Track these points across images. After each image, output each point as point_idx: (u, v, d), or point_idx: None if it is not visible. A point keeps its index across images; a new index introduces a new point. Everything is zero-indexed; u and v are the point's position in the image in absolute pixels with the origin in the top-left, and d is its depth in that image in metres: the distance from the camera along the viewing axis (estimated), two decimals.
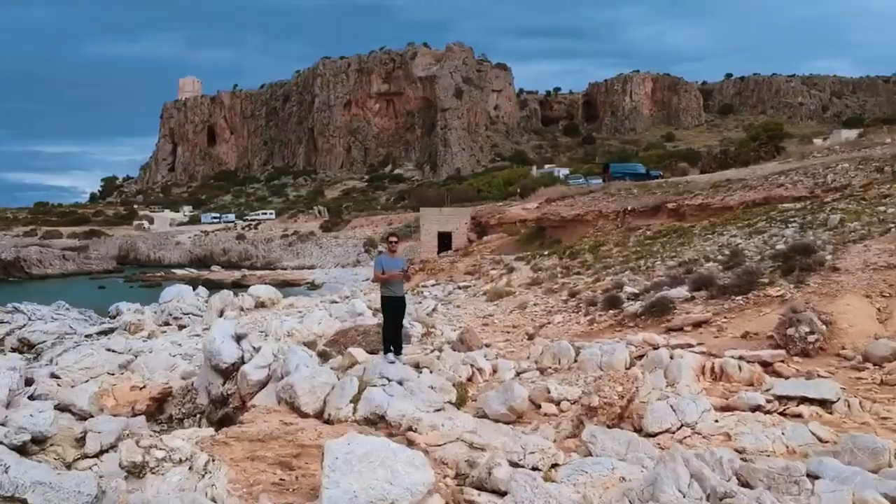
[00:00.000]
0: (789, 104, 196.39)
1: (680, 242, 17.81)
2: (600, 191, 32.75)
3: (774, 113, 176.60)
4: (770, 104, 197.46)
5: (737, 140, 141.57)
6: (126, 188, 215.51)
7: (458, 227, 42.19)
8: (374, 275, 10.62)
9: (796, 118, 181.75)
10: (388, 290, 10.30)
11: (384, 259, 10.52)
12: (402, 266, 10.52)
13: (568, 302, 14.91)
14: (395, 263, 10.38)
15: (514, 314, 15.20)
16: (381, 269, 10.31)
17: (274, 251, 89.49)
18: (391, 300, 10.31)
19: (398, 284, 10.36)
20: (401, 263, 10.57)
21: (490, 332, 13.44)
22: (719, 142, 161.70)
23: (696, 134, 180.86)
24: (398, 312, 10.41)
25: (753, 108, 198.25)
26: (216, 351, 9.97)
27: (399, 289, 10.46)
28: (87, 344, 19.74)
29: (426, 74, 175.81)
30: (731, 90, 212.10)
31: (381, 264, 10.37)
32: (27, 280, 74.45)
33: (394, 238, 10.95)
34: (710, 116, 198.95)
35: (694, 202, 23.02)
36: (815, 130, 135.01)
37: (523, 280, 20.43)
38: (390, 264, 10.34)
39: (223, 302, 22.64)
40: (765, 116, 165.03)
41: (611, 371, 9.10)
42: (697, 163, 59.16)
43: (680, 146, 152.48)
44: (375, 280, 10.99)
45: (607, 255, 19.17)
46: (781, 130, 60.88)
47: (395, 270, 10.22)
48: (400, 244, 11.10)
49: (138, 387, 11.60)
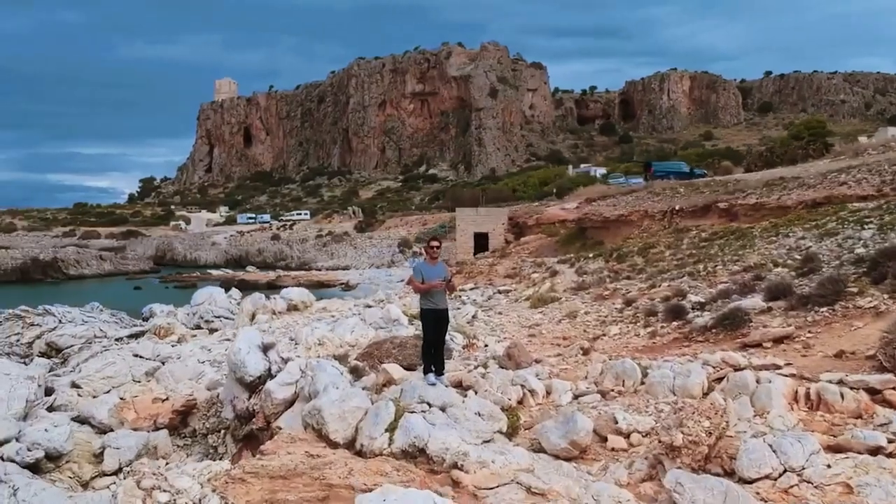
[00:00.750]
0: (831, 102, 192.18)
1: (741, 245, 16.45)
2: (643, 190, 31.40)
3: (815, 111, 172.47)
4: (811, 102, 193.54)
5: (777, 139, 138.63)
6: (164, 189, 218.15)
7: (495, 228, 41.07)
8: (413, 284, 9.38)
9: (838, 116, 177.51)
10: (429, 301, 9.12)
11: (424, 266, 9.31)
12: (445, 275, 9.22)
13: (623, 311, 13.47)
14: (436, 271, 9.16)
15: (563, 324, 13.81)
16: (420, 277, 9.10)
17: (308, 252, 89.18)
18: (432, 313, 9.13)
19: (440, 295, 9.18)
20: (443, 272, 9.26)
21: (538, 345, 12.11)
22: (759, 140, 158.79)
23: (735, 132, 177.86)
24: (440, 327, 9.23)
25: (794, 106, 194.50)
26: (241, 363, 9.03)
27: (441, 300, 9.25)
28: (116, 349, 19.05)
29: (460, 74, 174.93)
30: (770, 88, 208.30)
31: (421, 272, 9.15)
32: (64, 280, 74.93)
33: (435, 242, 9.51)
34: (748, 115, 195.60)
35: (747, 202, 21.59)
36: (858, 128, 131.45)
37: (568, 284, 19.15)
38: (431, 272, 9.12)
39: (255, 305, 21.86)
40: (805, 114, 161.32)
41: (686, 397, 7.89)
42: (741, 161, 57.27)
43: (718, 145, 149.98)
44: (415, 291, 9.75)
45: (659, 258, 17.76)
46: (824, 128, 58.81)
47: (436, 280, 9.01)
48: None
49: (160, 399, 10.75)
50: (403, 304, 19.83)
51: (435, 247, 9.39)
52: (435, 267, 9.25)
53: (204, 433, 9.80)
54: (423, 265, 9.34)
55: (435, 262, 9.34)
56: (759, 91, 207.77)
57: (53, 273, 77.20)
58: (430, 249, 9.40)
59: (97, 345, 20.24)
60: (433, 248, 9.40)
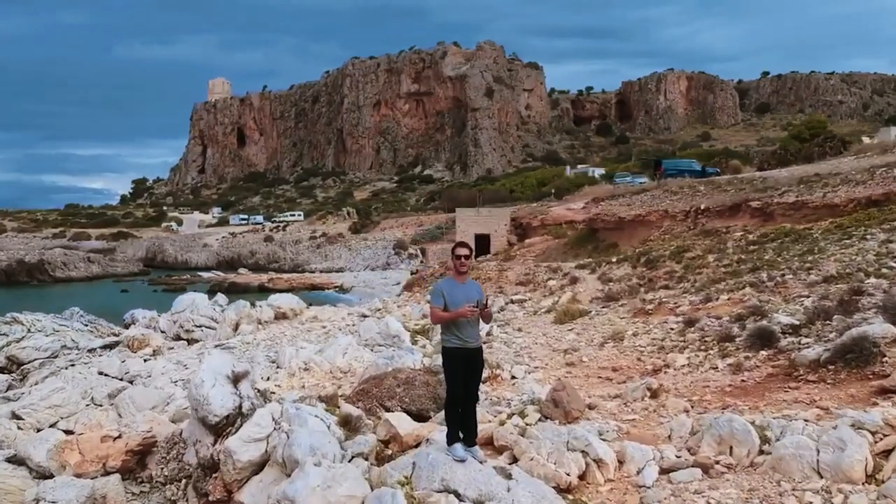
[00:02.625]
0: (829, 102, 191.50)
1: (806, 250, 14.16)
2: (658, 189, 29.59)
3: (813, 111, 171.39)
4: (808, 102, 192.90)
5: (776, 139, 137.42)
6: (156, 190, 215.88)
7: (497, 229, 39.25)
8: (432, 313, 6.54)
9: (836, 116, 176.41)
10: (455, 336, 6.36)
11: (448, 285, 6.51)
12: (480, 298, 6.44)
13: (685, 333, 10.69)
14: (465, 292, 6.40)
15: (608, 348, 11.02)
16: (441, 302, 6.34)
17: (302, 253, 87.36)
18: (460, 354, 6.35)
19: (471, 328, 6.40)
20: (475, 293, 6.50)
21: (581, 378, 9.51)
22: (756, 141, 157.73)
23: (733, 133, 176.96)
24: (471, 372, 6.44)
25: (791, 107, 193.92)
26: (203, 399, 7.15)
27: (473, 335, 6.41)
28: (81, 365, 17.20)
29: (456, 74, 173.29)
30: (767, 88, 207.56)
31: (443, 294, 6.38)
32: (51, 283, 72.92)
33: (463, 251, 6.61)
34: (746, 115, 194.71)
35: (785, 200, 19.68)
36: (856, 129, 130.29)
37: (592, 293, 16.96)
38: (458, 294, 6.37)
39: (239, 314, 20.04)
40: (803, 115, 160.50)
41: (843, 481, 5.70)
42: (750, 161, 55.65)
43: (716, 145, 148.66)
44: (433, 321, 6.85)
45: (702, 264, 15.64)
46: (825, 128, 57.31)
47: (465, 305, 6.23)
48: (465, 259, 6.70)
49: (111, 437, 8.89)
50: (403, 315, 17.90)
51: (463, 257, 6.53)
52: (463, 286, 6.48)
53: (162, 482, 7.95)
54: (447, 284, 6.52)
55: (464, 278, 6.56)
56: (756, 91, 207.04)
57: (39, 275, 75.15)
58: (457, 261, 6.54)
59: (63, 358, 18.39)
60: (461, 258, 6.52)
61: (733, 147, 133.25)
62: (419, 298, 23.29)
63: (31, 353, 18.42)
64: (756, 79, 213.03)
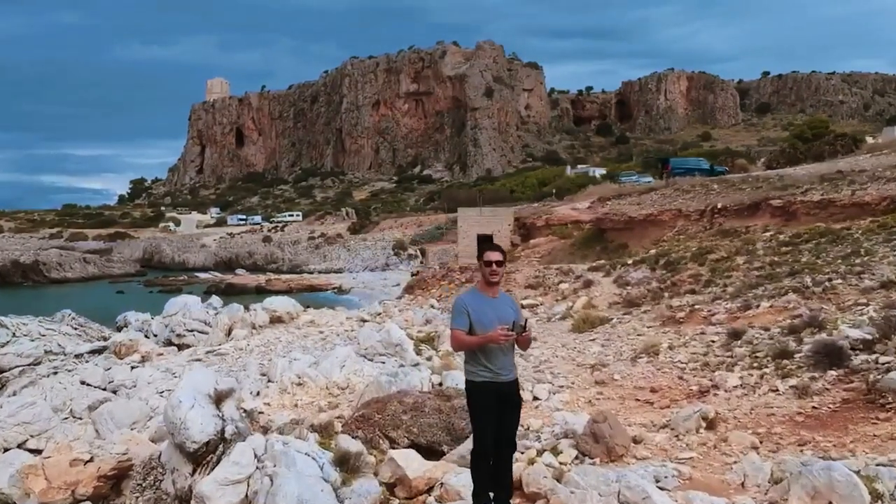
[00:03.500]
0: (829, 102, 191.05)
1: (850, 252, 13.03)
2: (668, 188, 28.63)
3: (814, 111, 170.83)
4: (809, 102, 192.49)
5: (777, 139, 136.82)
6: (154, 190, 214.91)
7: (500, 230, 38.25)
8: (454, 337, 5.06)
9: (837, 116, 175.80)
10: (483, 366, 4.98)
11: (474, 300, 5.12)
12: (516, 317, 5.11)
13: (731, 346, 9.27)
14: (497, 309, 5.06)
15: (641, 364, 9.61)
16: (465, 322, 4.98)
17: (300, 254, 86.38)
18: (490, 389, 4.98)
19: (504, 357, 5.02)
20: (510, 309, 5.17)
21: (616, 401, 8.22)
22: (757, 141, 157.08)
23: (733, 133, 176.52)
24: (506, 416, 5.05)
25: (792, 107, 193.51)
26: (181, 422, 6.23)
27: (507, 364, 5.01)
28: (64, 373, 16.27)
29: (456, 73, 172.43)
30: (768, 88, 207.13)
31: (467, 311, 5.01)
32: (46, 284, 71.94)
33: (495, 255, 5.16)
34: (746, 115, 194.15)
35: (809, 198, 18.70)
36: (857, 129, 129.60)
37: (609, 298, 15.84)
38: (486, 311, 5.01)
39: (232, 318, 19.09)
40: (804, 115, 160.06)
41: None
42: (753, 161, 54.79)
43: (717, 146, 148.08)
44: (455, 347, 5.33)
45: (731, 267, 14.65)
46: (827, 128, 56.49)
47: (497, 325, 4.87)
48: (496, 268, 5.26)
49: (82, 460, 7.97)
50: (405, 320, 16.92)
51: (495, 263, 5.08)
52: (494, 301, 5.08)
53: None
54: (473, 299, 5.10)
55: (494, 291, 5.14)
56: (756, 92, 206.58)
57: (34, 276, 74.15)
58: (486, 268, 5.09)
59: (46, 365, 17.44)
60: (492, 265, 5.07)
61: (734, 147, 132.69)
62: (421, 302, 22.33)
63: (12, 359, 17.47)
64: (756, 79, 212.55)
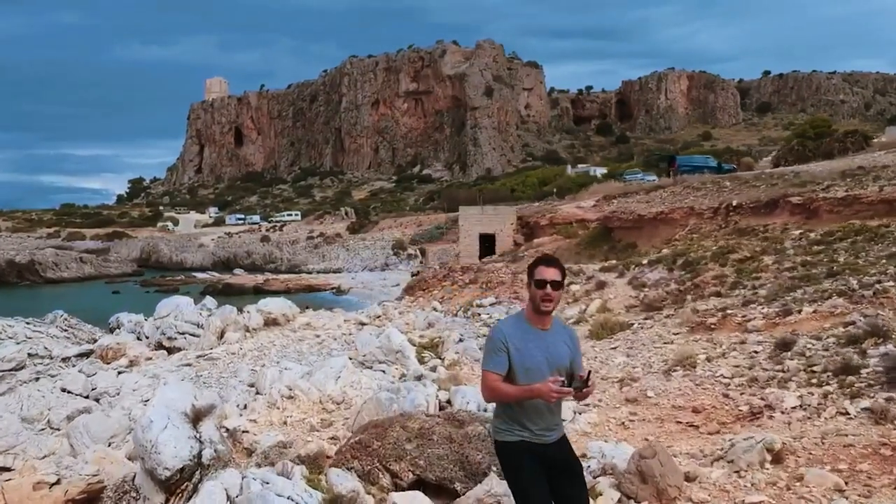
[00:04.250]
0: (830, 102, 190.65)
1: (892, 253, 11.96)
2: (678, 185, 27.80)
3: (815, 111, 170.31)
4: (810, 102, 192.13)
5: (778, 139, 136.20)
6: (153, 190, 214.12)
7: (503, 229, 37.43)
8: (486, 381, 3.76)
9: (837, 116, 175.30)
10: (519, 423, 3.81)
11: (517, 332, 3.82)
12: (575, 357, 3.94)
13: (781, 359, 8.17)
14: (548, 347, 3.81)
15: (677, 378, 8.49)
16: (504, 362, 3.73)
17: (299, 254, 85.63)
18: (531, 452, 3.80)
19: (550, 413, 3.87)
20: (565, 349, 3.87)
21: (653, 424, 7.23)
22: (758, 141, 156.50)
23: (734, 133, 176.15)
24: (561, 484, 3.81)
25: (792, 107, 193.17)
26: (151, 445, 5.41)
27: (551, 423, 3.87)
28: (46, 378, 15.44)
29: (455, 73, 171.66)
30: (769, 88, 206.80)
31: (507, 345, 3.74)
32: (41, 284, 71.25)
33: (552, 272, 3.80)
34: (747, 115, 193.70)
35: (833, 195, 17.85)
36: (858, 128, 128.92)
37: (625, 301, 14.81)
38: (534, 350, 3.77)
39: (224, 321, 18.23)
40: (805, 115, 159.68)
41: None
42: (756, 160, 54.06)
43: (717, 145, 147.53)
44: (487, 397, 3.89)
45: (759, 267, 13.61)
46: (829, 127, 55.84)
47: (546, 371, 3.71)
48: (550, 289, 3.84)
49: (47, 483, 7.16)
50: (406, 324, 16.06)
51: (551, 284, 3.76)
52: (544, 335, 3.81)
53: None
54: (516, 329, 3.81)
55: (546, 321, 3.82)
56: (757, 91, 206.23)
57: (30, 276, 73.47)
58: (539, 290, 3.77)
59: (29, 370, 16.60)
60: (546, 285, 3.75)
61: (734, 147, 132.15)
62: (423, 304, 21.48)
63: None
64: (757, 78, 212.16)
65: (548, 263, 3.84)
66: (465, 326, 15.68)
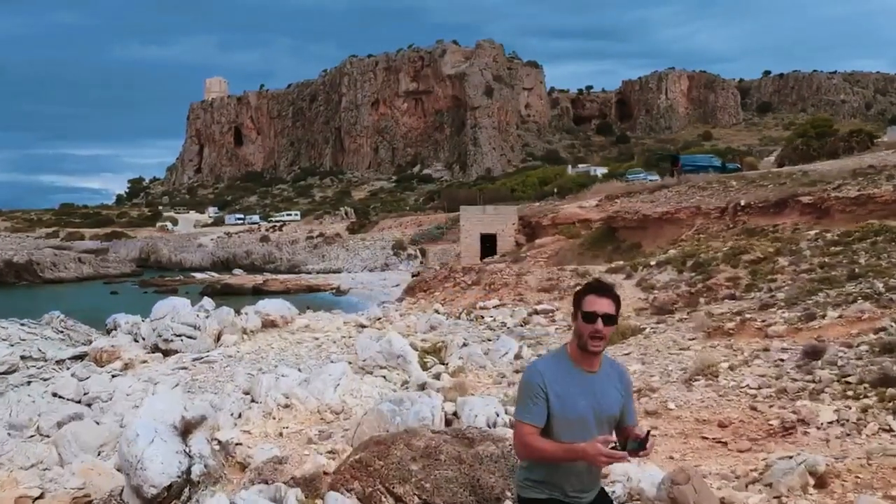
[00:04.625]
0: (831, 102, 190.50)
1: None
2: (682, 184, 27.45)
3: (815, 111, 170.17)
4: (811, 102, 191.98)
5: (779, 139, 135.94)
6: (152, 189, 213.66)
7: (504, 229, 37.05)
8: (520, 434, 3.15)
9: (838, 116, 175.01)
10: (551, 484, 3.19)
11: (558, 374, 3.15)
12: (627, 405, 3.34)
13: (810, 369, 7.63)
14: (594, 395, 3.17)
15: (699, 388, 7.93)
16: (541, 412, 3.09)
17: (299, 254, 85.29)
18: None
19: (589, 476, 3.26)
20: (616, 395, 3.25)
21: (677, 440, 6.77)
22: (759, 140, 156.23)
23: (734, 133, 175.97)
24: None
25: (793, 106, 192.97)
26: (137, 461, 5.05)
27: (589, 483, 3.26)
28: (38, 382, 15.08)
29: (455, 72, 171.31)
30: (769, 88, 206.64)
31: (546, 391, 3.10)
32: (39, 284, 70.88)
33: (604, 304, 3.11)
34: (747, 115, 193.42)
35: (845, 194, 17.46)
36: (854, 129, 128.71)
37: (634, 303, 14.38)
38: (577, 397, 3.12)
39: (221, 323, 17.87)
40: (805, 114, 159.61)
41: None
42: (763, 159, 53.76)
43: (718, 145, 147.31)
44: (522, 453, 3.23)
45: (774, 269, 13.35)
46: (830, 127, 55.63)
47: (594, 425, 3.15)
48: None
49: (30, 497, 6.81)
50: (407, 326, 15.68)
51: (602, 318, 3.09)
52: (591, 379, 3.19)
53: None
54: (556, 371, 3.18)
55: (593, 362, 3.20)
56: (757, 91, 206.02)
57: (28, 276, 73.11)
58: (587, 325, 3.12)
59: (21, 373, 16.23)
60: (596, 320, 3.10)
61: (735, 146, 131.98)
62: (424, 306, 21.06)
63: None
64: (757, 78, 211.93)
65: (599, 292, 3.15)
66: (468, 330, 15.26)
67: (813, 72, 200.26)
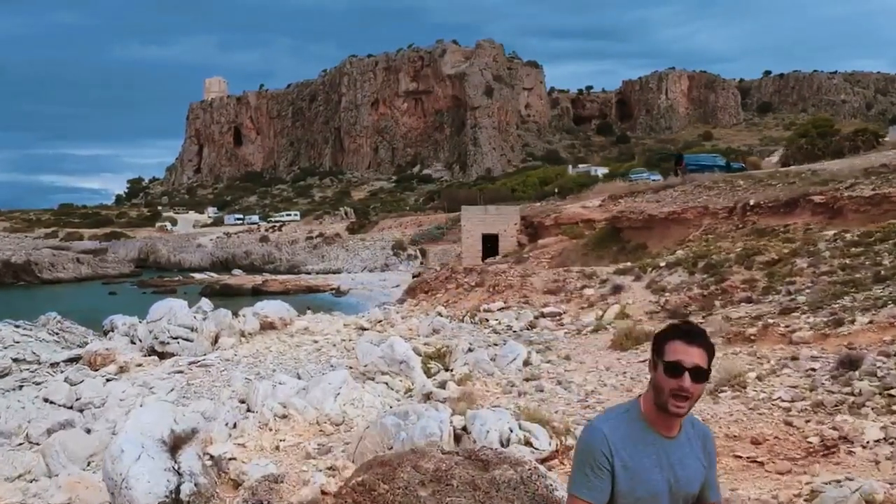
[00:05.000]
0: (831, 102, 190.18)
1: None
2: (687, 184, 27.06)
3: (816, 111, 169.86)
4: (811, 102, 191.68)
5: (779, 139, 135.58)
6: (152, 189, 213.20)
7: (506, 229, 36.66)
8: None
9: (839, 116, 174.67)
10: None
11: (628, 437, 2.48)
12: (706, 485, 2.62)
13: (850, 381, 7.09)
14: (672, 466, 2.50)
15: (725, 400, 7.41)
16: (603, 491, 2.43)
17: (298, 254, 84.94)
18: None
19: None
20: (699, 466, 2.59)
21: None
22: (759, 140, 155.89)
23: (735, 133, 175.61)
24: None
25: (794, 106, 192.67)
26: (122, 479, 4.70)
27: None
28: (30, 386, 14.73)
29: (455, 72, 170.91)
30: (769, 88, 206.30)
31: (611, 462, 2.43)
32: (38, 285, 70.49)
33: (695, 353, 2.42)
34: (748, 115, 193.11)
35: (859, 194, 17.03)
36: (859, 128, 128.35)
37: (644, 306, 13.96)
38: (653, 472, 2.47)
39: (219, 326, 17.50)
40: (805, 115, 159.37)
41: None
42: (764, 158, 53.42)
43: (718, 145, 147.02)
44: None
45: (792, 271, 12.95)
46: (831, 127, 55.29)
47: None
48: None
49: None
50: (409, 329, 15.30)
51: (696, 373, 2.41)
52: (669, 445, 2.52)
53: None
54: (625, 434, 2.48)
55: (672, 426, 2.52)
56: (758, 91, 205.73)
57: (26, 276, 72.72)
58: (672, 380, 2.41)
59: (14, 377, 15.89)
60: (683, 375, 2.40)
61: (735, 146, 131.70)
62: (426, 308, 20.64)
63: None
64: (758, 78, 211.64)
65: (689, 338, 2.46)
66: (472, 333, 14.78)
67: (813, 72, 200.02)
